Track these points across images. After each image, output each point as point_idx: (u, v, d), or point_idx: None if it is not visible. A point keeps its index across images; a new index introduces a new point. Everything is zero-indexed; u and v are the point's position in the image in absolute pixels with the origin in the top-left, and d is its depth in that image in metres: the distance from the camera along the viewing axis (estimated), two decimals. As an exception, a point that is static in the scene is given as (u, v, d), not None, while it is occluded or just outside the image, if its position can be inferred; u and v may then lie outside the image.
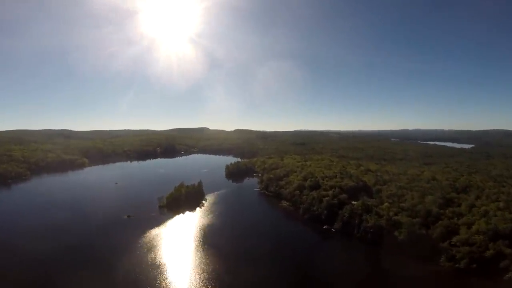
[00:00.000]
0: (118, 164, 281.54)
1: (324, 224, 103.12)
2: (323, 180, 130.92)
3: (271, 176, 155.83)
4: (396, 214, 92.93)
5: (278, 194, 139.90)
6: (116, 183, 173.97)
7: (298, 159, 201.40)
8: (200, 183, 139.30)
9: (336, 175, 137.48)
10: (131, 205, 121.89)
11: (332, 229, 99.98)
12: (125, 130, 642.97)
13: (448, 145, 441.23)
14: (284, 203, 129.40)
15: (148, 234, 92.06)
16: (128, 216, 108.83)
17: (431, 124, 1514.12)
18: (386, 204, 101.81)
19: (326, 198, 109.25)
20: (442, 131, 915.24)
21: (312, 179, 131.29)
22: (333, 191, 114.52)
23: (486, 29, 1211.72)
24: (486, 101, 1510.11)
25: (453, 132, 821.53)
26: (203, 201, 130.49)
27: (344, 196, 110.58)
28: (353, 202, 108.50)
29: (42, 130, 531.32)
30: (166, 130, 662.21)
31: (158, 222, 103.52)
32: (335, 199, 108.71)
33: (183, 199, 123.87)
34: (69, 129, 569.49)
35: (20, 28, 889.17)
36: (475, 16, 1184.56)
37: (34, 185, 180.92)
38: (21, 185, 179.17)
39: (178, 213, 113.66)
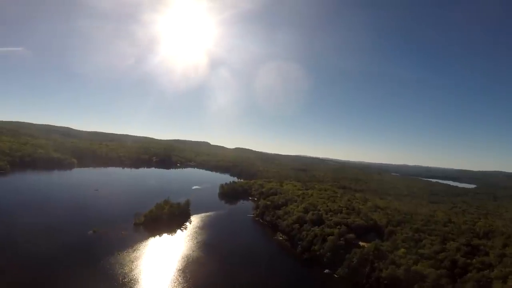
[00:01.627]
0: (109, 169, 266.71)
1: (326, 268, 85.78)
2: (327, 214, 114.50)
3: (268, 203, 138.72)
4: (415, 263, 77.46)
5: (274, 225, 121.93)
6: (97, 190, 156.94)
7: (299, 186, 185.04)
8: (187, 202, 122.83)
9: (342, 210, 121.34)
10: (103, 218, 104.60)
11: (335, 275, 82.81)
12: (125, 135, 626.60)
13: (451, 184, 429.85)
14: (280, 236, 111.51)
15: (109, 258, 74.53)
16: (94, 231, 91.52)
17: (429, 161, 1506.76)
18: (402, 250, 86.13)
19: (331, 237, 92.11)
20: (440, 169, 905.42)
21: (315, 212, 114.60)
22: (339, 228, 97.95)
23: (485, 63, 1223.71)
24: (487, 142, 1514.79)
25: (454, 171, 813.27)
26: (187, 223, 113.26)
27: (351, 236, 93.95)
28: (360, 243, 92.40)
29: (42, 125, 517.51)
30: (166, 140, 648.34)
31: (127, 243, 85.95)
32: (341, 239, 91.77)
33: (164, 218, 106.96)
34: (70, 127, 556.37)
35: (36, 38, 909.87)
36: (477, 51, 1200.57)
37: (7, 180, 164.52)
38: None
39: (154, 235, 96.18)
